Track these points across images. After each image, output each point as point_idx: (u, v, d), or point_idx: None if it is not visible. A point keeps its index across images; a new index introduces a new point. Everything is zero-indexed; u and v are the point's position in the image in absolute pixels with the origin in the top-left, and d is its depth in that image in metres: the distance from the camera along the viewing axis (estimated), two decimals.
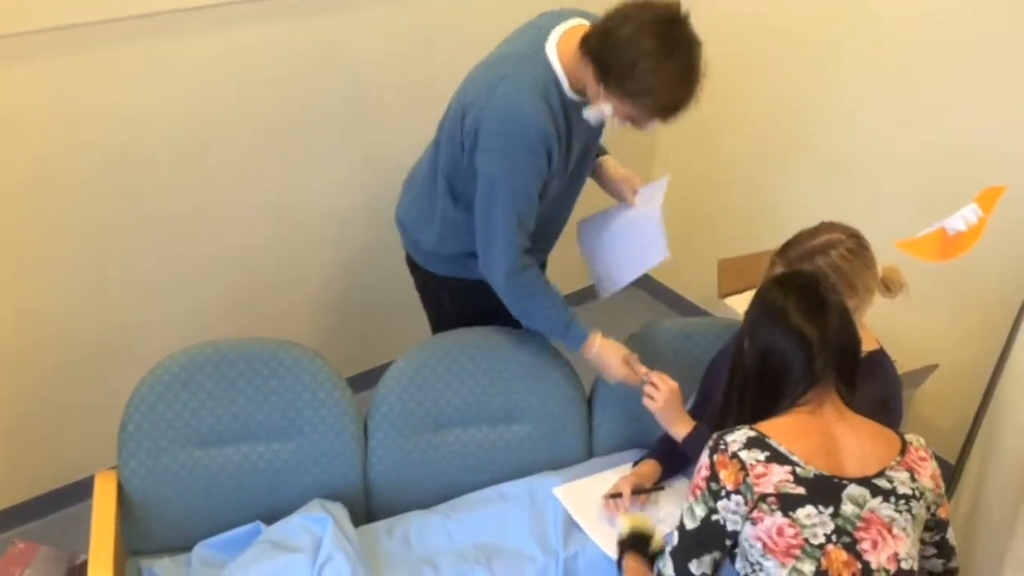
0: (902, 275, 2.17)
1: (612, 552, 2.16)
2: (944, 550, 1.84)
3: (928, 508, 1.76)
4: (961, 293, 3.13)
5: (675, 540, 1.73)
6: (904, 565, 1.68)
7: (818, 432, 1.72)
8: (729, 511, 1.67)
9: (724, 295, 3.21)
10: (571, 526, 2.26)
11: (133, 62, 2.53)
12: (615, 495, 2.24)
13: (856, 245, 2.10)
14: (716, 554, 1.70)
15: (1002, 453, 2.47)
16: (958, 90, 2.95)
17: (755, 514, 1.65)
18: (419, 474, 2.40)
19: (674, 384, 2.25)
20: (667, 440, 2.41)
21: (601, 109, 2.08)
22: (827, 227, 2.14)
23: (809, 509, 1.64)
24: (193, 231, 2.87)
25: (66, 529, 2.93)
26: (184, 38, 2.58)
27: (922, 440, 1.83)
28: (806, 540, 1.63)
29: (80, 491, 2.95)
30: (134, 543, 2.24)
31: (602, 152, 2.53)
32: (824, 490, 1.66)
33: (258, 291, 3.12)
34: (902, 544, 1.68)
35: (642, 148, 3.97)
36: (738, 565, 1.73)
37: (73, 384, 2.85)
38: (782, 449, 1.68)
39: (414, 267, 2.56)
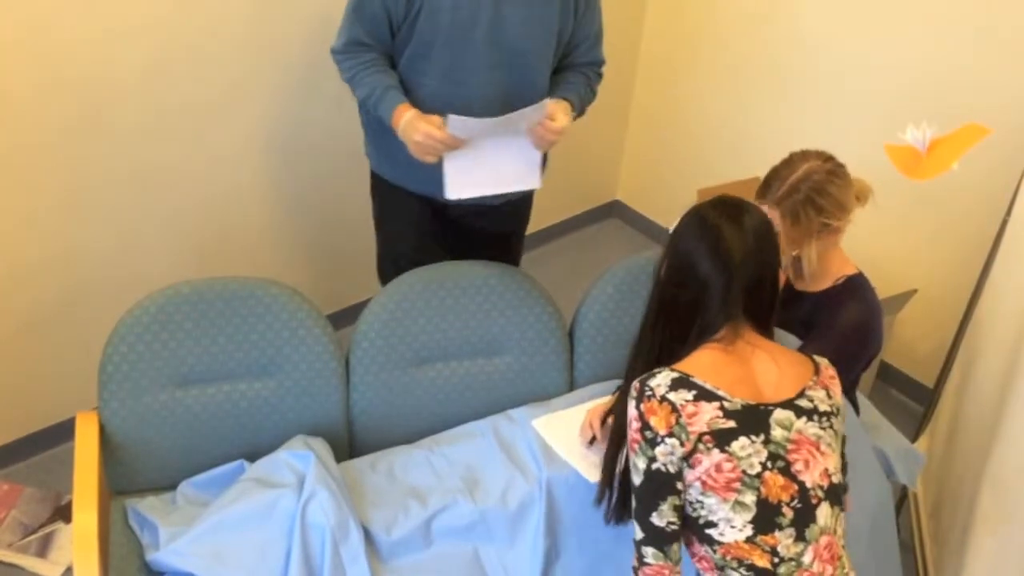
0: (866, 182, 2.18)
1: (592, 477, 2.18)
2: (843, 464, 1.85)
3: (842, 421, 1.80)
4: (939, 218, 3.14)
5: (633, 502, 1.72)
6: (834, 479, 1.73)
7: (735, 364, 1.73)
8: (666, 455, 1.66)
9: None
10: (551, 453, 2.27)
11: None
12: (592, 436, 2.27)
13: (834, 166, 2.12)
14: (673, 499, 1.67)
15: (980, 377, 2.49)
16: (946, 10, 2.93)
17: (693, 457, 1.65)
18: (402, 409, 2.40)
19: (592, 416, 2.27)
20: None
21: None
22: (800, 156, 2.15)
23: (743, 441, 1.66)
24: (166, 173, 2.83)
25: (50, 470, 2.93)
26: None
27: (826, 359, 1.84)
28: (744, 472, 1.65)
29: (62, 432, 2.96)
30: (118, 483, 2.25)
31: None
32: (753, 419, 1.67)
33: (235, 231, 3.09)
34: (830, 460, 1.72)
35: (620, 76, 3.93)
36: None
37: (53, 326, 2.83)
38: (707, 386, 1.68)
39: None
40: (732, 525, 1.66)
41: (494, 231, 2.72)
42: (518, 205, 2.67)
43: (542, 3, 2.28)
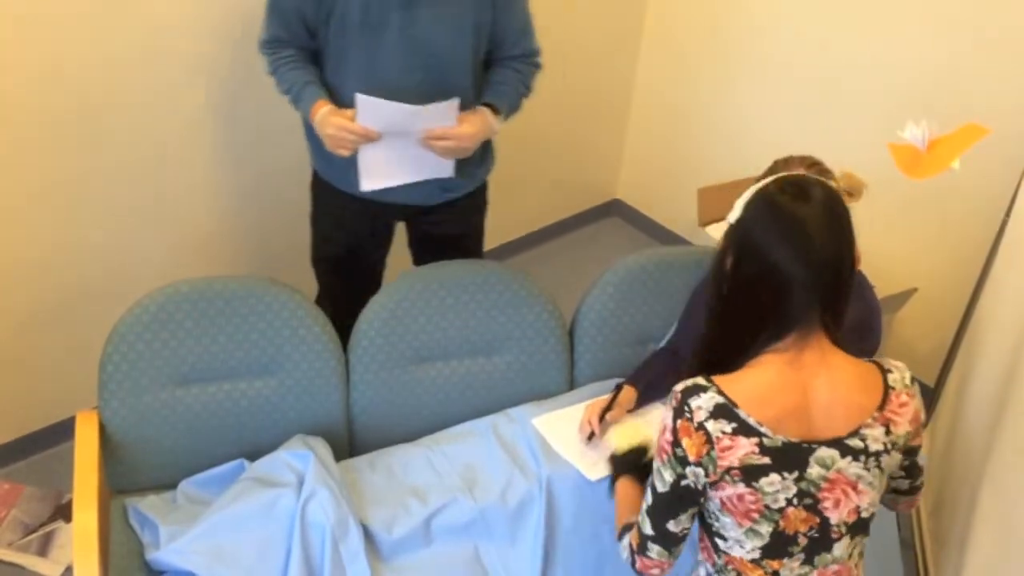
0: (858, 176, 2.16)
1: (592, 475, 2.20)
2: (912, 471, 1.79)
3: (902, 448, 1.68)
4: (939, 218, 3.14)
5: (650, 500, 1.67)
6: (864, 515, 1.65)
7: (791, 391, 1.59)
8: (693, 475, 1.60)
9: (705, 224, 3.20)
10: (551, 452, 2.28)
11: None
12: (590, 432, 2.27)
13: (819, 171, 2.09)
14: (692, 509, 1.65)
15: (980, 376, 2.49)
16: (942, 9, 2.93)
17: (718, 484, 1.60)
18: (401, 408, 2.40)
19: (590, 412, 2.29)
20: (646, 367, 2.43)
21: None
22: (783, 164, 2.12)
23: (773, 477, 1.58)
24: (167, 172, 2.83)
25: (50, 469, 2.93)
26: None
27: (907, 377, 1.69)
28: (766, 506, 1.60)
29: (62, 431, 2.96)
30: (118, 482, 2.25)
31: (490, 105, 2.37)
32: (791, 457, 1.57)
33: (234, 230, 3.09)
34: (866, 497, 1.64)
35: (620, 76, 3.93)
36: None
37: (52, 325, 2.83)
38: (751, 421, 1.57)
39: None
40: (742, 546, 1.64)
41: (440, 233, 2.65)
42: (462, 205, 2.59)
43: (455, 1, 2.24)
